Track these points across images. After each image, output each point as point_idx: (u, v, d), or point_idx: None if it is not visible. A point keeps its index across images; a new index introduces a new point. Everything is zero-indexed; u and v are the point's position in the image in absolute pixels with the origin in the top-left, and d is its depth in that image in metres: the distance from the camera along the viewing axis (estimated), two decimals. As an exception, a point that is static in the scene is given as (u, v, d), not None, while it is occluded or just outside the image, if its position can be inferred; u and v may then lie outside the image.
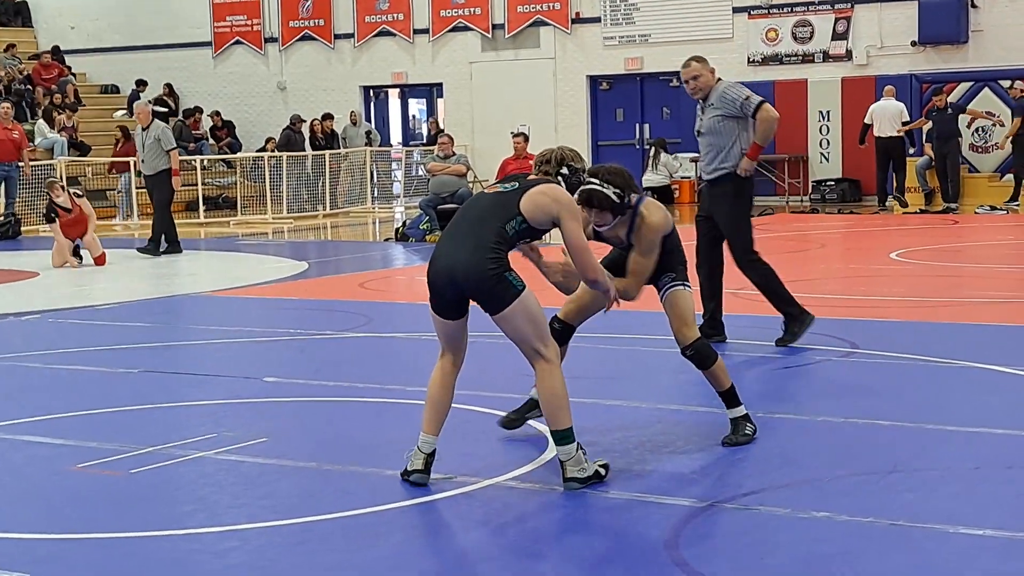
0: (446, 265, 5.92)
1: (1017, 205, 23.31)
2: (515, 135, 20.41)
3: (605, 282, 6.24)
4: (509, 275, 5.88)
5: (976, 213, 22.71)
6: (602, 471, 6.02)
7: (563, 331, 6.83)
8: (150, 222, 19.27)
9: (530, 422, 7.14)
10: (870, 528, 5.34)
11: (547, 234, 6.23)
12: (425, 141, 29.83)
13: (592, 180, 6.34)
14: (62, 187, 18.33)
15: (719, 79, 9.86)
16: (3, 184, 23.09)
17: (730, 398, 6.82)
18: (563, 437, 5.91)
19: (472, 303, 6.03)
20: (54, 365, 9.76)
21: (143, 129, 18.26)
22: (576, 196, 6.20)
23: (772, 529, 5.40)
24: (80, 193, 18.44)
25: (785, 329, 9.69)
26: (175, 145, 18.34)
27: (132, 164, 23.78)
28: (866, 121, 23.83)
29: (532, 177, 6.15)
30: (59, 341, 11.05)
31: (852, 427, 7.12)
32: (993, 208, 22.80)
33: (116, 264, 17.51)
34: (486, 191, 6.22)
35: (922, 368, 8.84)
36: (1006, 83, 24.88)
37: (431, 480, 6.17)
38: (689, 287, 6.75)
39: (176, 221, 18.81)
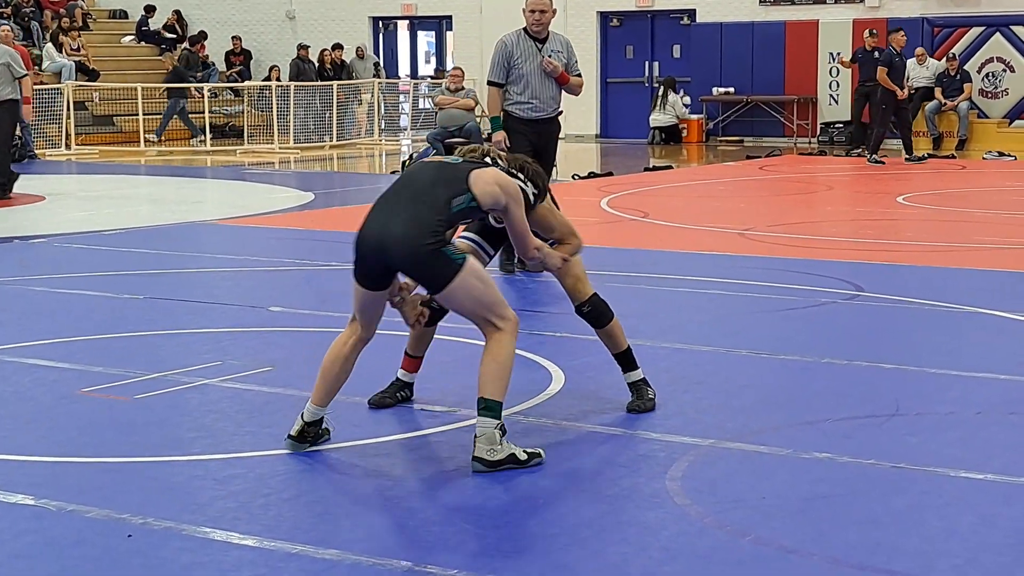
0: (376, 235, 5.53)
1: (859, 152, 23.07)
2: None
3: (540, 258, 5.89)
4: (447, 249, 5.45)
5: (984, 159, 22.64)
6: (523, 455, 5.43)
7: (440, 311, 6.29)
8: None
9: (534, 357, 7.18)
10: (872, 470, 5.37)
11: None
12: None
13: (517, 176, 5.85)
14: None
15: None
16: None
17: (627, 361, 6.38)
18: (488, 408, 5.40)
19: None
20: (61, 289, 9.77)
21: None
22: None
23: (774, 469, 5.43)
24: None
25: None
26: (26, 72, 17.05)
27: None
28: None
29: (470, 159, 5.79)
30: (66, 265, 11.06)
31: (855, 370, 7.13)
32: (1001, 154, 22.71)
33: (122, 190, 17.46)
34: (427, 160, 5.82)
35: (927, 312, 8.84)
36: (1018, 28, 24.77)
37: (433, 412, 6.21)
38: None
39: (182, 148, 18.31)
